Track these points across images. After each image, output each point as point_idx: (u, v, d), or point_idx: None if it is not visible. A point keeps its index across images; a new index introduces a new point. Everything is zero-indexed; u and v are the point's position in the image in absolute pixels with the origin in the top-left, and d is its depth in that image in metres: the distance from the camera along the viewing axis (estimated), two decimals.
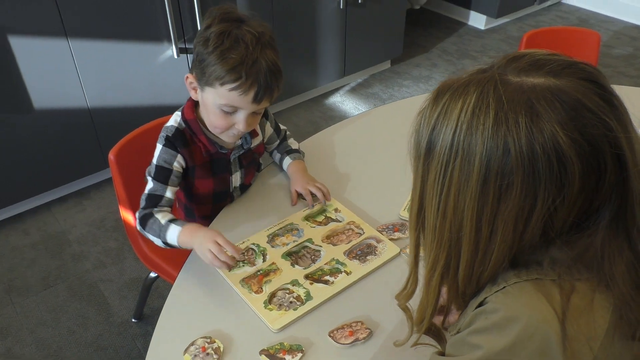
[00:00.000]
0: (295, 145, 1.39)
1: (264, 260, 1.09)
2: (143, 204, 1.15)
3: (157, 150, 1.16)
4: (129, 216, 1.41)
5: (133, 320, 1.78)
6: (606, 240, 0.56)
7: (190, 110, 1.17)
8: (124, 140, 1.38)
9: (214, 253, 1.02)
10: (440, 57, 3.35)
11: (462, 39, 3.55)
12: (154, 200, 1.15)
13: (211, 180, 1.22)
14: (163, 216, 1.13)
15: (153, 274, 1.56)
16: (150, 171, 1.16)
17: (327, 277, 1.05)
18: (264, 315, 0.98)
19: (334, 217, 1.20)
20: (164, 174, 1.15)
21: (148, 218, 1.13)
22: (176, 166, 1.16)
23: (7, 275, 1.95)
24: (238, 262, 1.08)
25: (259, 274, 1.06)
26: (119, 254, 2.03)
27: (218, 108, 1.09)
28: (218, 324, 0.97)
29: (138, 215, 1.15)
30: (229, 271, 1.06)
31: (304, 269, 1.07)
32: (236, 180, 1.27)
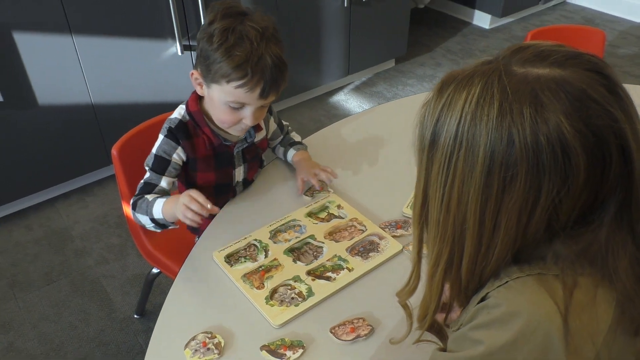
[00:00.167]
0: (298, 138, 1.40)
1: (266, 256, 1.09)
2: (137, 191, 1.17)
3: (158, 141, 1.17)
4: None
5: (135, 316, 1.79)
6: (610, 234, 0.56)
7: (194, 103, 1.17)
8: (127, 135, 1.38)
9: (186, 204, 1.02)
10: (444, 57, 3.34)
11: (467, 38, 3.54)
12: (148, 188, 1.16)
13: (213, 173, 1.23)
14: (152, 196, 1.14)
15: (155, 270, 1.56)
16: (149, 161, 1.17)
17: (329, 274, 1.05)
18: (265, 311, 0.97)
19: (336, 214, 1.20)
20: (162, 165, 1.16)
21: (138, 200, 1.15)
22: (175, 158, 1.16)
23: (11, 270, 1.96)
24: (240, 258, 1.08)
25: (260, 269, 1.06)
26: (121, 250, 2.03)
27: (225, 104, 1.09)
28: (219, 319, 0.97)
29: (132, 201, 1.16)
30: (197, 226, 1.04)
31: (306, 265, 1.07)
32: (239, 174, 1.27)
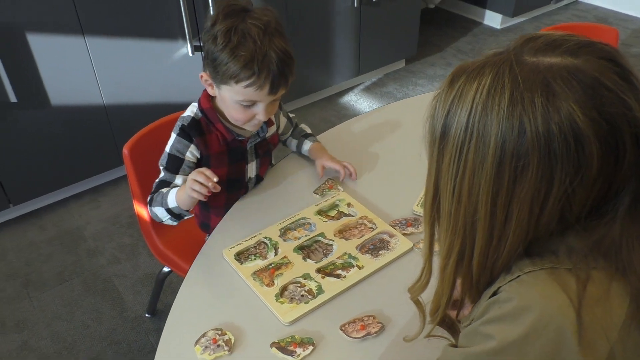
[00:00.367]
0: (308, 129, 1.42)
1: (276, 254, 1.09)
2: (153, 189, 1.18)
3: (171, 140, 1.18)
4: (143, 210, 1.42)
5: (146, 315, 1.80)
6: (625, 226, 0.55)
7: (206, 100, 1.18)
8: (139, 134, 1.39)
9: (193, 178, 1.05)
10: (455, 57, 3.32)
11: (477, 38, 3.52)
12: (163, 186, 1.17)
13: (226, 168, 1.23)
14: (167, 189, 1.16)
15: (166, 269, 1.56)
16: (163, 160, 1.18)
17: (339, 271, 1.05)
18: (275, 308, 0.97)
19: (346, 212, 1.20)
20: (175, 164, 1.17)
21: (154, 195, 1.17)
22: (189, 156, 1.17)
23: (24, 269, 1.98)
24: (250, 256, 1.08)
25: (270, 267, 1.06)
26: (133, 250, 2.04)
27: (236, 103, 1.10)
28: (229, 317, 0.97)
29: (148, 198, 1.18)
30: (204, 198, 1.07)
31: (315, 263, 1.07)
32: (252, 170, 1.28)
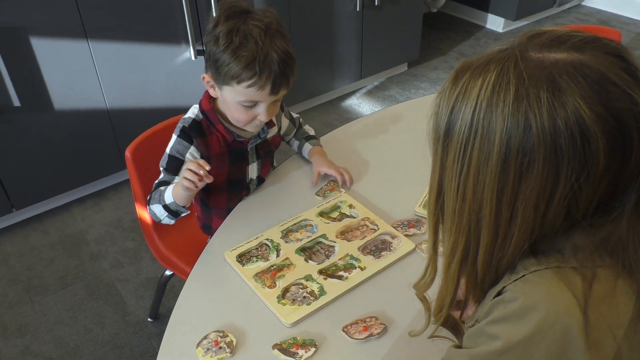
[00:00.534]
0: (312, 131, 1.42)
1: (278, 256, 1.08)
2: (152, 189, 1.19)
3: (172, 141, 1.18)
4: (145, 213, 1.42)
5: (149, 319, 1.79)
6: (632, 223, 0.54)
7: (207, 101, 1.18)
8: (141, 137, 1.38)
9: (186, 167, 1.05)
10: (457, 60, 3.32)
11: (480, 42, 3.52)
12: (162, 186, 1.18)
13: (227, 169, 1.23)
14: (165, 187, 1.17)
15: (168, 272, 1.56)
16: (163, 161, 1.18)
17: (341, 273, 1.04)
18: (277, 310, 0.97)
19: (348, 214, 1.19)
20: (175, 165, 1.17)
21: (153, 193, 1.18)
22: (189, 157, 1.17)
23: (27, 274, 1.98)
24: (251, 258, 1.08)
25: (272, 269, 1.05)
26: (135, 254, 2.04)
27: (238, 104, 1.10)
28: (231, 318, 0.97)
29: (147, 198, 1.19)
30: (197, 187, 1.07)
31: (317, 264, 1.06)
32: (253, 171, 1.28)
